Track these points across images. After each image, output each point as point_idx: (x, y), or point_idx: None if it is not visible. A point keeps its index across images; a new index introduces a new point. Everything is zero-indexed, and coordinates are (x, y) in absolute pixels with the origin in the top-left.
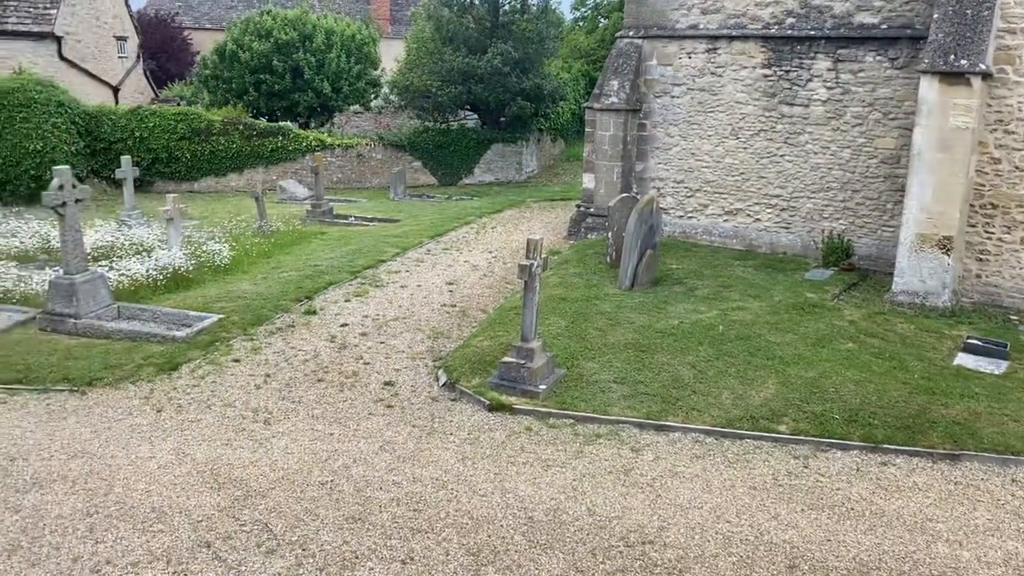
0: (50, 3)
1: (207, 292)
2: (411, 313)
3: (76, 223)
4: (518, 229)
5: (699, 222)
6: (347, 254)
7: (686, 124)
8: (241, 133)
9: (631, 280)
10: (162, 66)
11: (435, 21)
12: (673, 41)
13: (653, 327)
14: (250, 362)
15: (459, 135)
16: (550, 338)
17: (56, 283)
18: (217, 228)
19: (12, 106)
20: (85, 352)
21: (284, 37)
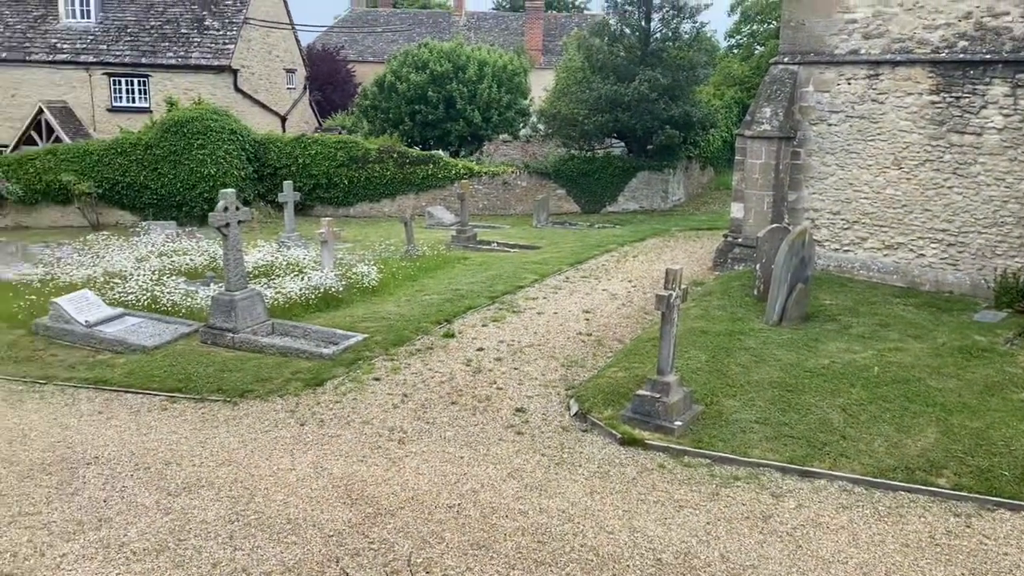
0: (229, 39)
1: (354, 312)
2: (546, 340)
3: (238, 243)
4: (660, 258)
5: (856, 256)
6: (487, 279)
7: (844, 153)
8: (395, 161)
9: (779, 315)
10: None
11: (585, 51)
12: (831, 67)
13: (801, 366)
14: (389, 381)
15: (604, 163)
16: (688, 372)
17: (217, 299)
18: (368, 251)
19: (191, 134)
20: (239, 365)
21: (439, 69)
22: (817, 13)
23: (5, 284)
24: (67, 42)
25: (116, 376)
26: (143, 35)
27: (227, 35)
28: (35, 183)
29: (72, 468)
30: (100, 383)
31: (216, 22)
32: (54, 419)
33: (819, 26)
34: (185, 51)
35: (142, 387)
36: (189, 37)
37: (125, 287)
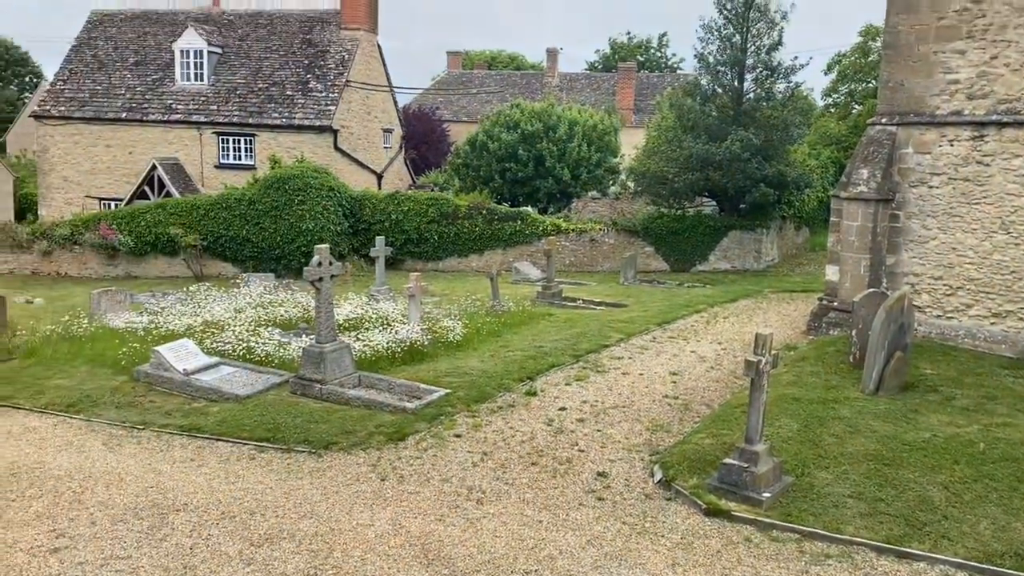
0: (331, 101)
1: (438, 366)
2: (630, 402)
3: (329, 297)
4: (752, 320)
5: (960, 323)
6: (572, 337)
7: (946, 216)
8: (484, 217)
9: (876, 384)
10: (421, 155)
11: (677, 109)
12: (932, 128)
13: (899, 438)
14: (470, 439)
15: (694, 221)
16: (779, 441)
17: (308, 351)
18: (454, 305)
19: (292, 190)
20: (326, 416)
21: (530, 128)
22: (917, 74)
23: (113, 332)
24: (181, 103)
25: (209, 424)
26: (251, 97)
27: (329, 97)
28: (145, 235)
29: (162, 514)
30: (194, 430)
31: (319, 84)
32: (149, 464)
33: (919, 86)
34: (289, 112)
35: (233, 435)
36: (294, 99)
37: (222, 336)
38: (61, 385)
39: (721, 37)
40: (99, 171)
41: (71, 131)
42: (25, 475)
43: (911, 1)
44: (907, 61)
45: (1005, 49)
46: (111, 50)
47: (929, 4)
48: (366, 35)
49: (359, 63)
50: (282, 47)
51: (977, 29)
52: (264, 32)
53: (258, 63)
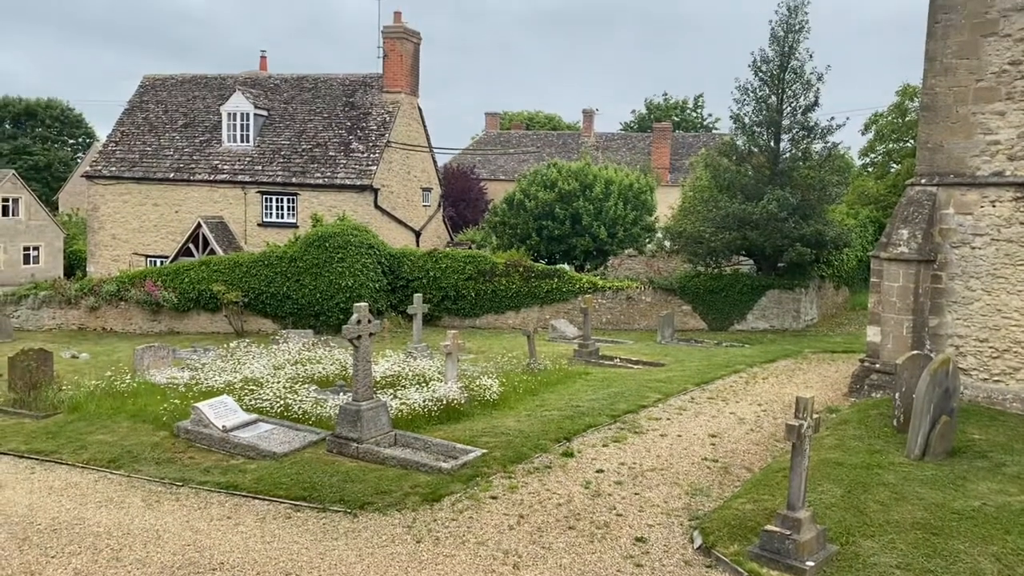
0: (372, 161)
1: (474, 425)
2: (669, 465)
3: (367, 355)
4: (792, 381)
5: (1008, 387)
6: (609, 396)
7: (990, 277)
8: (520, 275)
9: (922, 449)
10: (459, 212)
11: (712, 169)
12: (973, 189)
13: (948, 506)
14: (506, 500)
15: (732, 280)
16: (822, 508)
17: (345, 409)
18: (490, 363)
19: (332, 248)
20: (362, 476)
21: (567, 187)
22: (956, 135)
23: (155, 387)
24: (227, 163)
25: (246, 481)
26: (295, 157)
27: (370, 157)
28: (189, 292)
29: (199, 573)
30: (231, 488)
31: (361, 145)
32: (186, 522)
33: (959, 147)
34: (331, 172)
35: (269, 494)
36: (336, 159)
37: (261, 393)
38: (103, 440)
39: (757, 98)
40: (146, 229)
41: (121, 190)
42: (65, 531)
43: (949, 64)
44: (946, 122)
45: None
46: (161, 113)
47: (967, 66)
48: (407, 97)
49: (400, 124)
50: (325, 109)
51: (1016, 91)
52: (308, 95)
53: (302, 125)
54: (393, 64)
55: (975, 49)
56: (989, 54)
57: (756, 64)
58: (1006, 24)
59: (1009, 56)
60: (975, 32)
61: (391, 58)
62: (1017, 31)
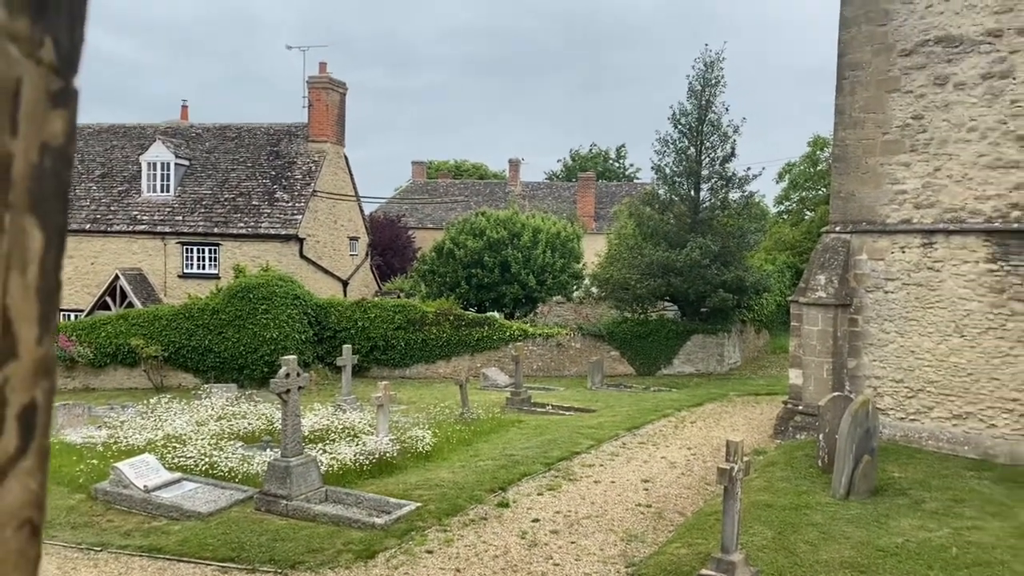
0: (297, 210)
1: (407, 479)
2: (604, 511)
3: (296, 409)
4: (719, 424)
5: (923, 426)
6: (542, 444)
7: (902, 320)
8: (451, 323)
9: (846, 488)
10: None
11: (636, 218)
12: (884, 236)
13: (873, 544)
14: (442, 554)
15: (658, 325)
16: (753, 550)
17: (273, 465)
18: (422, 414)
19: (256, 299)
20: (292, 534)
21: (495, 235)
22: (866, 184)
23: (70, 447)
24: (146, 214)
25: (170, 544)
26: (217, 207)
27: (295, 206)
28: (105, 346)
29: None
30: (154, 551)
31: (286, 194)
32: None
33: (869, 197)
34: (255, 221)
35: (195, 556)
36: (260, 208)
37: (184, 451)
38: None
39: (677, 150)
40: None
41: None
42: None
43: (857, 117)
44: (856, 172)
45: (947, 162)
46: (77, 163)
47: (874, 120)
48: (333, 147)
49: (326, 173)
50: (249, 159)
51: (920, 143)
52: (232, 144)
53: (225, 174)
54: (319, 114)
55: (880, 104)
56: (893, 109)
57: (675, 117)
58: (907, 81)
59: (912, 111)
60: (880, 88)
61: (316, 108)
62: (918, 88)
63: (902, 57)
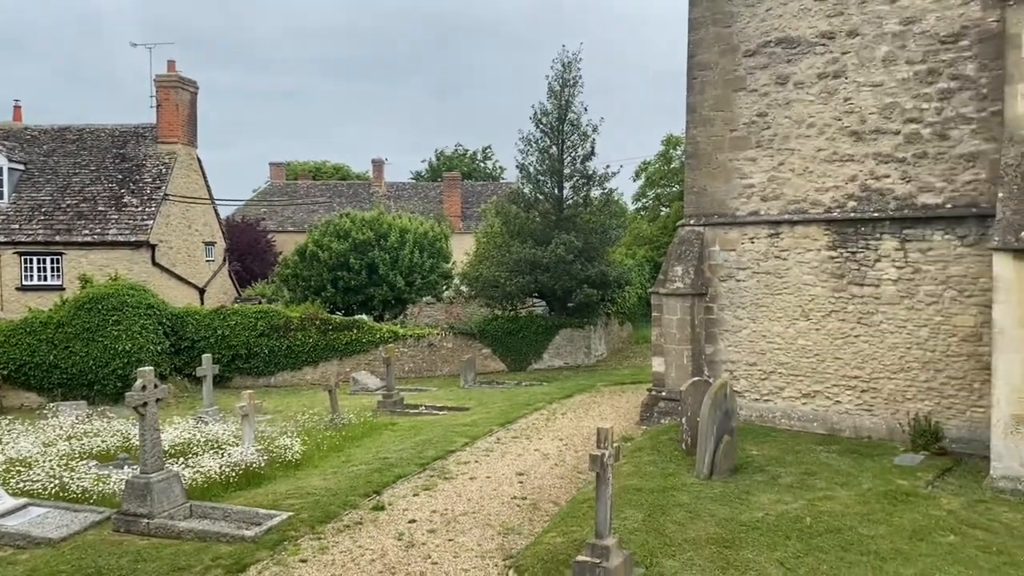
0: (147, 215)
1: (277, 488)
2: (480, 507)
3: (155, 422)
4: (589, 414)
5: (776, 405)
6: (416, 445)
7: (754, 307)
8: (317, 328)
9: (709, 468)
10: (246, 267)
11: (503, 216)
12: (735, 227)
13: (736, 519)
14: (317, 562)
15: (527, 322)
16: (626, 533)
17: (132, 483)
18: (290, 422)
19: (106, 310)
20: (155, 553)
21: (361, 237)
22: (717, 179)
23: None
24: None
25: (18, 574)
26: (58, 214)
27: (146, 211)
28: None
29: None
30: None
31: (135, 199)
32: None
33: (720, 191)
34: (102, 228)
35: None
36: (106, 214)
37: (30, 474)
38: None
39: (539, 149)
40: None
41: None
42: None
43: (707, 116)
44: (707, 168)
45: (790, 156)
46: None
47: (723, 118)
48: (184, 148)
49: (177, 176)
50: (93, 162)
51: (764, 139)
52: (73, 147)
53: (66, 179)
54: (168, 114)
55: (728, 103)
56: (740, 107)
57: (537, 116)
58: (752, 80)
59: (756, 108)
60: (727, 87)
61: (165, 108)
62: (762, 86)
63: (746, 57)
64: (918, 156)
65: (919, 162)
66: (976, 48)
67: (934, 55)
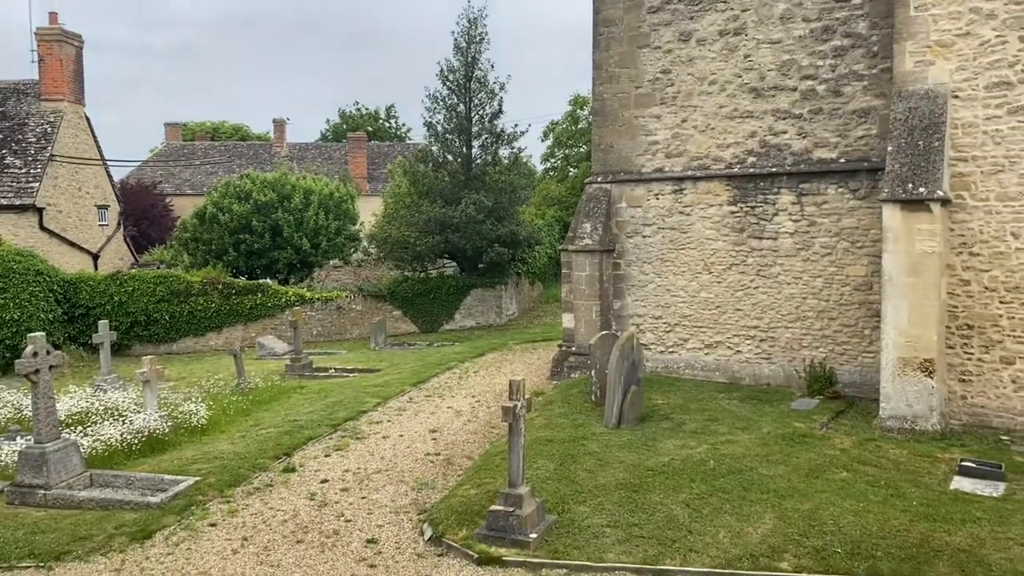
0: (33, 177)
1: (183, 454)
2: (393, 464)
3: (49, 390)
4: (501, 372)
5: (680, 356)
6: (327, 407)
7: (659, 262)
8: (220, 292)
9: (617, 418)
10: (143, 231)
11: (411, 176)
12: (640, 184)
13: (643, 465)
14: (227, 525)
15: (438, 282)
16: (538, 482)
17: (26, 453)
18: (194, 388)
19: None
20: (53, 524)
21: (263, 198)
22: (623, 136)
23: None
24: None
25: None
26: None
27: (31, 173)
28: None
29: None
30: None
31: (18, 160)
32: None
33: (626, 148)
34: None
35: None
36: None
37: None
38: None
39: (447, 107)
40: None
41: None
42: None
43: (613, 72)
44: (614, 125)
45: (692, 113)
46: None
47: (628, 75)
48: (71, 106)
49: (65, 136)
50: None
51: (668, 96)
52: None
53: None
54: (52, 69)
55: (633, 59)
56: (645, 64)
57: (444, 73)
58: (656, 37)
59: (660, 65)
60: (632, 44)
61: (49, 63)
62: (665, 43)
63: (650, 14)
64: (814, 112)
65: (815, 118)
66: (868, 6)
67: (829, 13)
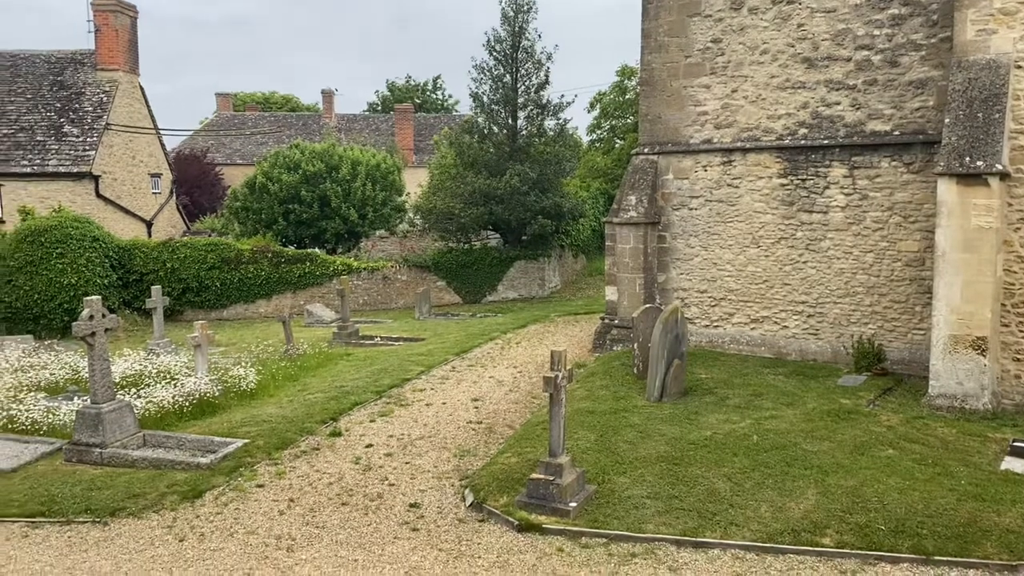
0: (89, 146)
1: (232, 417)
2: (436, 431)
3: (104, 352)
4: (543, 343)
5: (725, 331)
6: (372, 374)
7: (706, 235)
8: (270, 261)
9: (659, 391)
10: (195, 200)
11: (456, 147)
12: (688, 156)
13: (685, 439)
14: (274, 487)
15: (482, 254)
16: (579, 453)
17: (83, 413)
18: (244, 353)
19: (49, 243)
20: (109, 482)
21: (311, 169)
22: (671, 107)
23: None
24: None
25: None
26: None
27: (87, 141)
28: None
29: None
30: None
31: (75, 128)
32: None
33: (674, 118)
34: (42, 159)
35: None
36: (46, 144)
37: None
38: None
39: (493, 77)
40: None
41: None
42: None
43: (662, 42)
44: (662, 95)
45: (743, 83)
46: None
47: (677, 44)
48: (126, 76)
49: (120, 105)
50: (29, 90)
51: (718, 66)
52: (7, 75)
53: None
54: (107, 39)
55: (683, 28)
56: (695, 32)
57: (490, 44)
58: (706, 5)
59: (711, 34)
60: (682, 12)
61: (105, 33)
62: (716, 12)
63: None
64: (868, 83)
65: (869, 89)
66: None
67: None
